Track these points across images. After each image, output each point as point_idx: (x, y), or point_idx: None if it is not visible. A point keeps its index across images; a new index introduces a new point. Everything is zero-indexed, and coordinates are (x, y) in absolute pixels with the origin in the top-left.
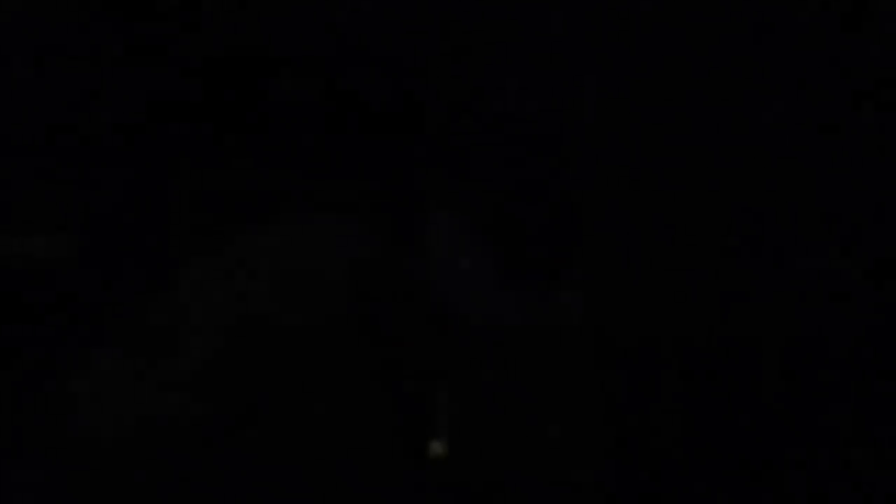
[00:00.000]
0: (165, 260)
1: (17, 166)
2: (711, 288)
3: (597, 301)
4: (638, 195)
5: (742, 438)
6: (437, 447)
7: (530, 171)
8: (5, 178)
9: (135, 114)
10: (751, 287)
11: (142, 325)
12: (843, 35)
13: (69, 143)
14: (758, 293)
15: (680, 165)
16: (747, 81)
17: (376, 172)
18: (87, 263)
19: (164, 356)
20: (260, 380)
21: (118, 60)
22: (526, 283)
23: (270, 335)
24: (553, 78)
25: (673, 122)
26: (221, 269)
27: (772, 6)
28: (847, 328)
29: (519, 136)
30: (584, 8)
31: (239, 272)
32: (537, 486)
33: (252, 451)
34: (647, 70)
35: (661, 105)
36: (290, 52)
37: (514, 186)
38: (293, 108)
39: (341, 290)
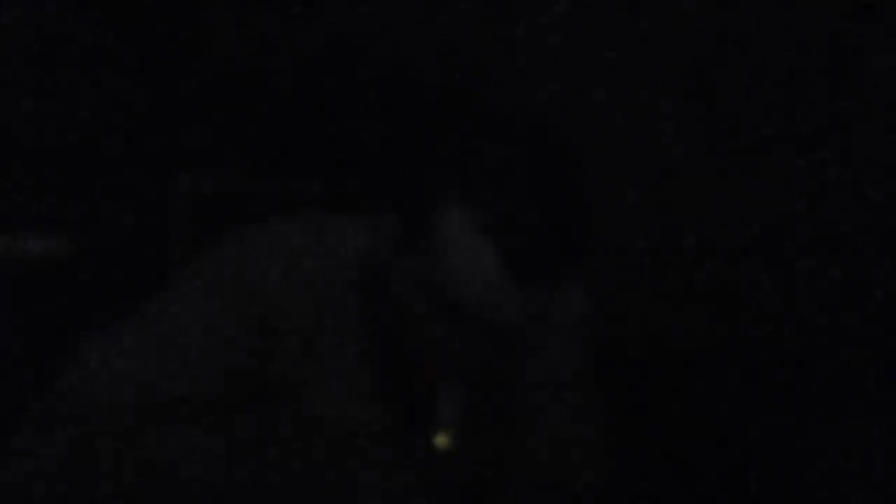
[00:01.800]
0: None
1: (17, 167)
2: (712, 288)
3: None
4: (641, 195)
5: (742, 438)
6: (442, 440)
7: (536, 170)
8: (5, 178)
9: (135, 114)
10: (751, 287)
11: (142, 321)
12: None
13: (68, 144)
14: (758, 293)
15: (682, 166)
16: (749, 84)
17: (382, 170)
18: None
19: (165, 350)
20: (261, 378)
21: (118, 61)
22: (531, 281)
23: (273, 333)
24: (560, 76)
25: (675, 123)
26: (225, 268)
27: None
28: (847, 329)
29: (525, 134)
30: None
31: (243, 271)
32: (538, 485)
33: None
34: (652, 71)
35: (666, 106)
36: (294, 53)
37: (520, 185)
38: (297, 108)
39: (347, 287)
